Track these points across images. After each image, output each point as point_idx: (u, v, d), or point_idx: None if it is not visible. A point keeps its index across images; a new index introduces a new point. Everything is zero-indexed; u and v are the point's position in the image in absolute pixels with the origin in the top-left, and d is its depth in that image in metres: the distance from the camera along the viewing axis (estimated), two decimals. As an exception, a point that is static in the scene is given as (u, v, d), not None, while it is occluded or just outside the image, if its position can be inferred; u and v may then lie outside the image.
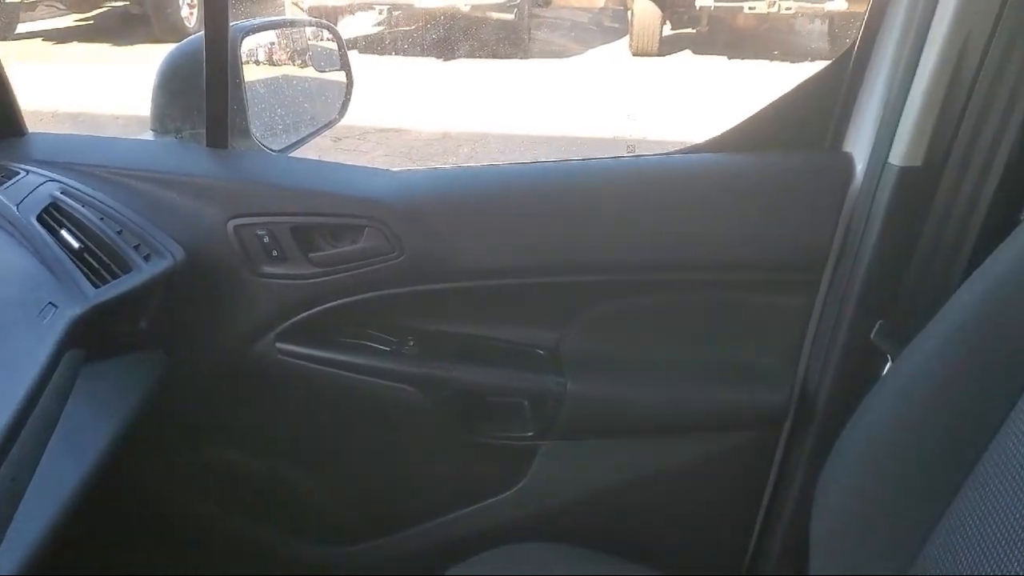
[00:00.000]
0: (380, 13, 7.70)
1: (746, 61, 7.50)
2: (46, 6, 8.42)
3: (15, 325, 0.94)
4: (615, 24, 9.11)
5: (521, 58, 7.74)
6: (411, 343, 1.30)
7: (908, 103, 1.06)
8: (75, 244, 1.08)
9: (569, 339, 1.27)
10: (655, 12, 7.63)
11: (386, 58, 7.78)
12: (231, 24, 1.23)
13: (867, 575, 0.96)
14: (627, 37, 8.08)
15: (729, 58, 7.67)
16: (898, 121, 1.07)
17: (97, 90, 6.09)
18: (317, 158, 1.36)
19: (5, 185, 1.13)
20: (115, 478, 1.06)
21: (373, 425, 1.34)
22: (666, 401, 1.26)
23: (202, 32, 1.23)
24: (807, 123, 1.22)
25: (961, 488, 0.90)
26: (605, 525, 1.31)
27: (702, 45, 8.14)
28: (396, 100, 6.21)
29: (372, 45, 8.03)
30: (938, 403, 0.93)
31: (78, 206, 1.14)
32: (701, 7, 7.58)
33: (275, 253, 1.22)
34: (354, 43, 7.81)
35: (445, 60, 7.69)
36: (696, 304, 1.24)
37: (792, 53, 7.51)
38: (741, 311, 1.24)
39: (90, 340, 1.03)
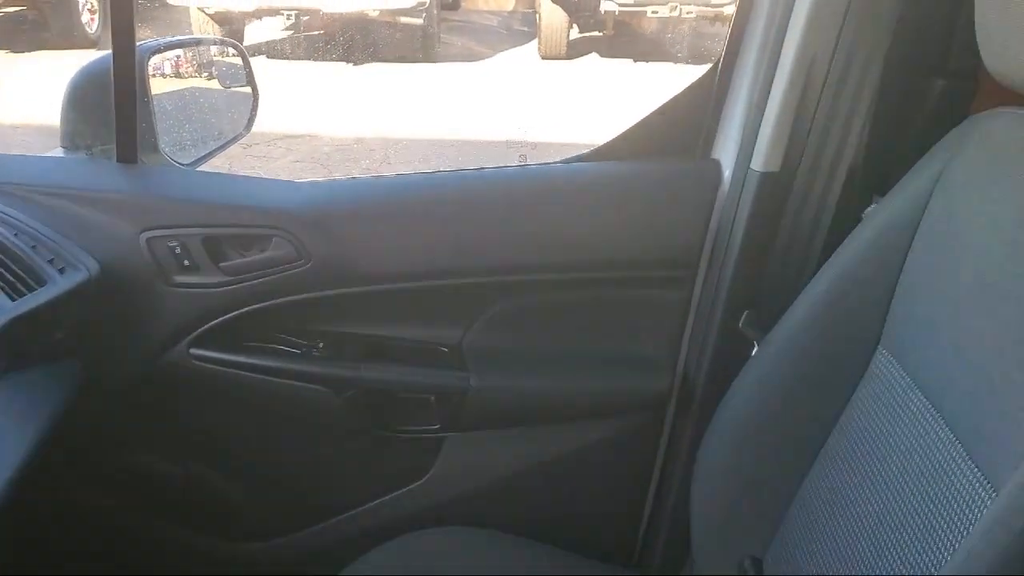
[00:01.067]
0: (288, 18, 7.64)
1: (651, 64, 7.72)
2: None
3: None
4: (524, 28, 9.24)
5: (430, 62, 7.81)
6: (320, 345, 1.37)
7: (766, 115, 1.18)
8: None
9: (470, 337, 1.36)
10: (562, 16, 7.78)
11: (295, 63, 7.75)
12: (138, 44, 1.28)
13: (734, 553, 1.07)
14: (536, 41, 8.22)
15: (635, 61, 7.88)
16: (758, 131, 1.19)
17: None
18: (227, 168, 1.42)
19: None
20: (34, 487, 1.10)
21: (286, 425, 1.40)
22: (559, 391, 1.36)
23: (110, 51, 1.28)
24: (681, 132, 1.33)
25: (814, 462, 1.03)
26: (508, 510, 1.40)
27: (609, 48, 8.34)
28: (306, 106, 6.21)
29: (280, 50, 7.99)
30: (794, 383, 1.05)
31: None
32: (606, 11, 7.77)
33: (187, 263, 1.27)
34: (262, 49, 7.76)
35: (355, 65, 7.70)
36: (583, 301, 1.35)
37: (696, 55, 7.77)
38: (623, 306, 1.35)
39: (6, 352, 1.07)
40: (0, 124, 5.43)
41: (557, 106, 6.41)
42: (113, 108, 1.28)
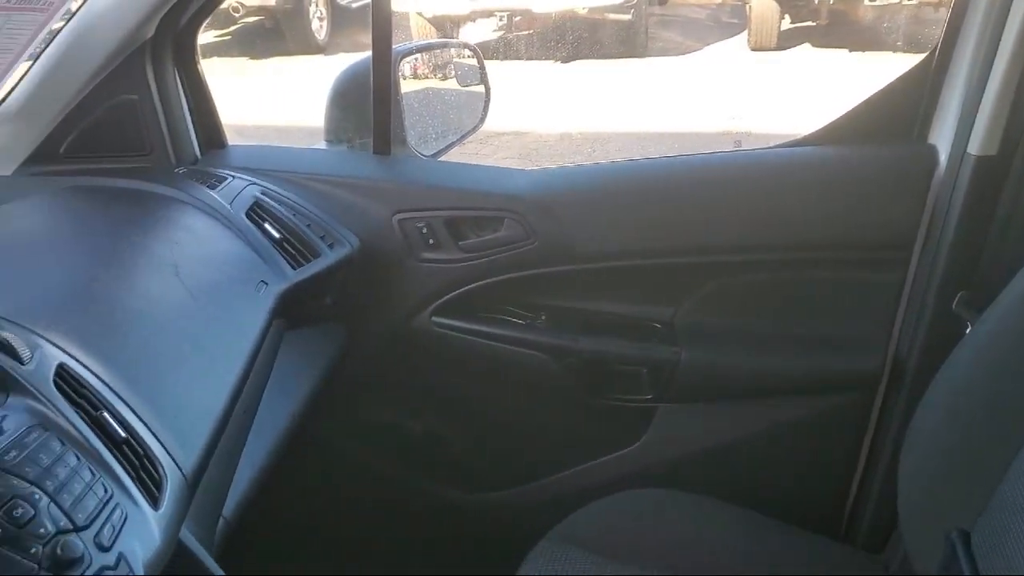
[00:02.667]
0: (500, 19, 7.95)
1: (867, 53, 7.41)
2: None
3: (239, 297, 1.20)
4: (733, 20, 9.08)
5: (639, 57, 7.85)
6: (543, 318, 1.51)
7: (984, 99, 1.20)
8: (276, 235, 1.35)
9: (683, 313, 1.45)
10: (773, 6, 7.62)
11: (506, 63, 8.03)
12: (392, 47, 1.47)
13: (941, 526, 1.10)
14: (745, 32, 8.08)
15: (850, 51, 7.59)
16: (975, 115, 1.21)
17: (245, 101, 6.55)
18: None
19: (217, 188, 1.39)
20: (305, 433, 1.30)
21: (511, 388, 1.55)
22: (770, 367, 1.43)
23: (366, 55, 1.48)
24: (895, 118, 1.37)
25: None
26: (716, 477, 1.48)
27: (822, 38, 8.06)
28: (517, 104, 6.45)
29: (493, 50, 8.30)
30: (1010, 360, 1.07)
31: (275, 204, 1.40)
32: (820, 0, 7.53)
33: (431, 241, 1.45)
34: (475, 49, 8.09)
35: (564, 62, 7.88)
36: (794, 281, 1.41)
37: (916, 44, 7.37)
38: (835, 287, 1.39)
39: (290, 312, 1.28)
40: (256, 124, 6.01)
41: (768, 97, 6.30)
42: (371, 106, 1.48)
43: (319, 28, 8.45)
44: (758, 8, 7.67)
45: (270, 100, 6.33)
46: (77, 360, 0.90)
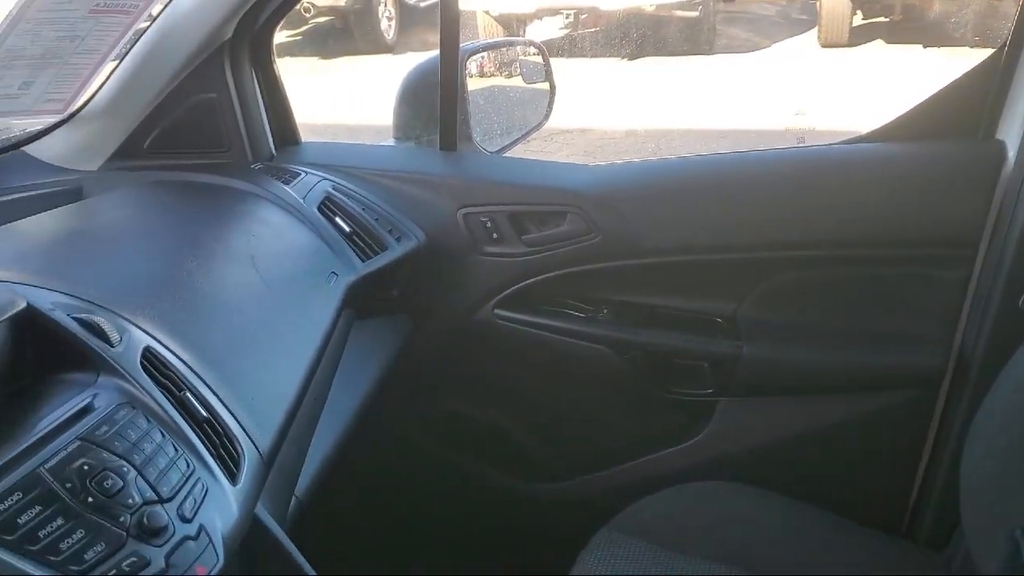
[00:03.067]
0: (567, 17, 7.97)
1: (943, 49, 7.23)
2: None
3: (311, 288, 1.25)
4: (803, 16, 8.96)
5: (704, 54, 7.80)
6: (604, 311, 1.53)
7: None
8: (346, 228, 1.40)
9: (745, 308, 1.46)
10: (845, 1, 7.50)
11: (572, 60, 8.05)
12: (460, 46, 1.51)
13: (1004, 525, 1.09)
14: (815, 28, 7.96)
15: (924, 46, 7.42)
16: None
17: (317, 99, 6.69)
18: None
19: (291, 184, 1.45)
20: (371, 416, 1.35)
21: (573, 380, 1.58)
22: (833, 362, 1.43)
23: (434, 54, 1.52)
24: (963, 113, 1.36)
25: None
26: (777, 473, 1.49)
27: (896, 34, 7.90)
28: (582, 101, 6.47)
29: (558, 48, 8.32)
30: None
31: (346, 199, 1.45)
32: (896, -5, 7.39)
33: (495, 236, 1.49)
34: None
35: (630, 59, 7.87)
36: (857, 277, 1.41)
37: (996, 39, 7.17)
38: (899, 283, 1.39)
39: (358, 302, 1.33)
40: (315, 122, 6.14)
41: (836, 94, 6.20)
42: (439, 104, 1.52)
43: (388, 28, 8.59)
44: (829, 4, 7.55)
45: (341, 99, 6.44)
46: (162, 344, 0.96)
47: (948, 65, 6.32)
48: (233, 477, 0.89)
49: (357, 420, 1.28)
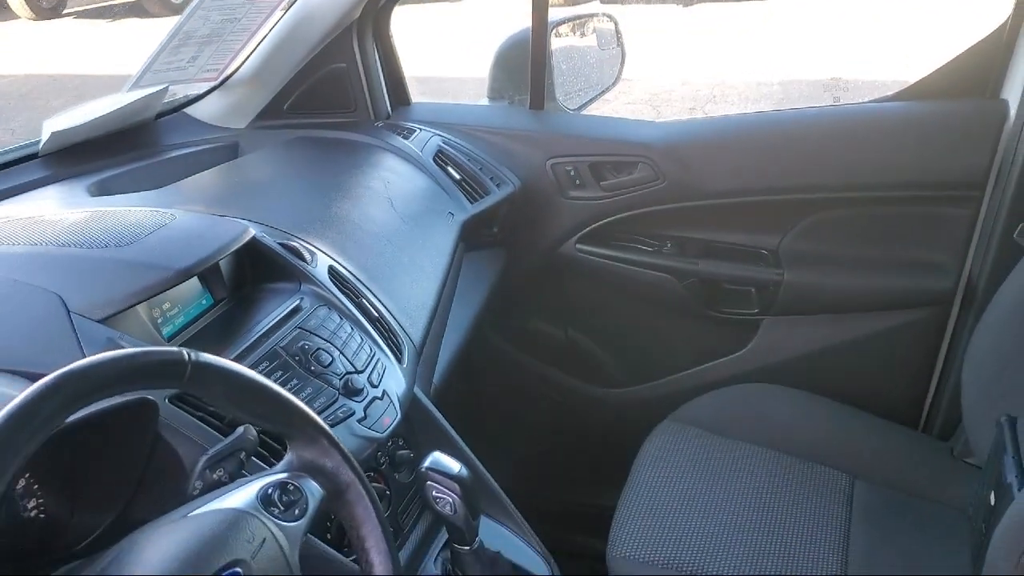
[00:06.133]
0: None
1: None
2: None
3: (435, 224, 1.56)
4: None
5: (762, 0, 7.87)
6: (668, 245, 1.82)
7: None
8: (457, 176, 1.70)
9: (787, 242, 1.74)
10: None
11: (628, 7, 8.18)
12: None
13: (994, 414, 1.34)
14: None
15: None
16: None
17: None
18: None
19: (410, 138, 1.75)
20: (478, 331, 1.65)
21: (639, 303, 1.88)
22: (861, 286, 1.70)
23: (526, 26, 1.80)
24: (976, 75, 1.60)
25: None
26: (812, 377, 1.76)
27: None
28: (637, 50, 6.62)
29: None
30: None
31: (454, 152, 1.75)
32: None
33: (577, 182, 1.78)
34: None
35: (685, 5, 7.98)
36: (883, 215, 1.67)
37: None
38: (920, 219, 1.65)
39: (468, 237, 1.63)
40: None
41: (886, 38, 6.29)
42: (529, 69, 1.81)
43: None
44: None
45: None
46: (338, 263, 1.28)
47: None
48: (400, 359, 1.21)
49: (472, 330, 1.59)
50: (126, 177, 1.52)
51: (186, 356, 0.71)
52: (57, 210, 1.26)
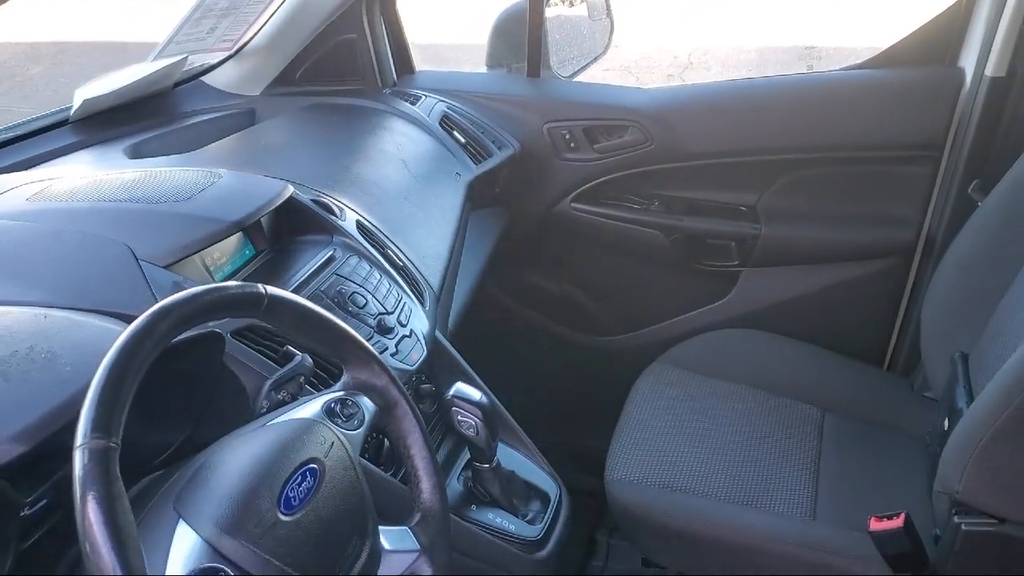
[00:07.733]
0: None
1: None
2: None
3: (444, 183, 1.69)
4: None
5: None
6: (656, 203, 1.97)
7: (1000, 26, 1.56)
8: (462, 139, 1.83)
9: (764, 199, 1.89)
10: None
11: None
12: None
13: (949, 351, 1.48)
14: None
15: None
16: (992, 42, 1.58)
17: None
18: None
19: (416, 104, 1.88)
20: (482, 283, 1.78)
21: (628, 258, 2.03)
22: (831, 238, 1.86)
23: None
24: (937, 44, 1.75)
25: (1013, 281, 1.44)
26: (787, 322, 1.91)
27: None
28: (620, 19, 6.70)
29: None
30: (1000, 229, 1.48)
31: (458, 116, 1.88)
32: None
33: (572, 144, 1.92)
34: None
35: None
36: (851, 173, 1.82)
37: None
38: (884, 177, 1.80)
39: (474, 196, 1.77)
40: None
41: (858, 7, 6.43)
42: (526, 38, 1.93)
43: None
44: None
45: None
46: (364, 217, 1.41)
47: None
48: (423, 303, 1.35)
49: (479, 281, 1.72)
50: (156, 141, 1.64)
51: (263, 290, 0.85)
52: (107, 171, 1.38)
